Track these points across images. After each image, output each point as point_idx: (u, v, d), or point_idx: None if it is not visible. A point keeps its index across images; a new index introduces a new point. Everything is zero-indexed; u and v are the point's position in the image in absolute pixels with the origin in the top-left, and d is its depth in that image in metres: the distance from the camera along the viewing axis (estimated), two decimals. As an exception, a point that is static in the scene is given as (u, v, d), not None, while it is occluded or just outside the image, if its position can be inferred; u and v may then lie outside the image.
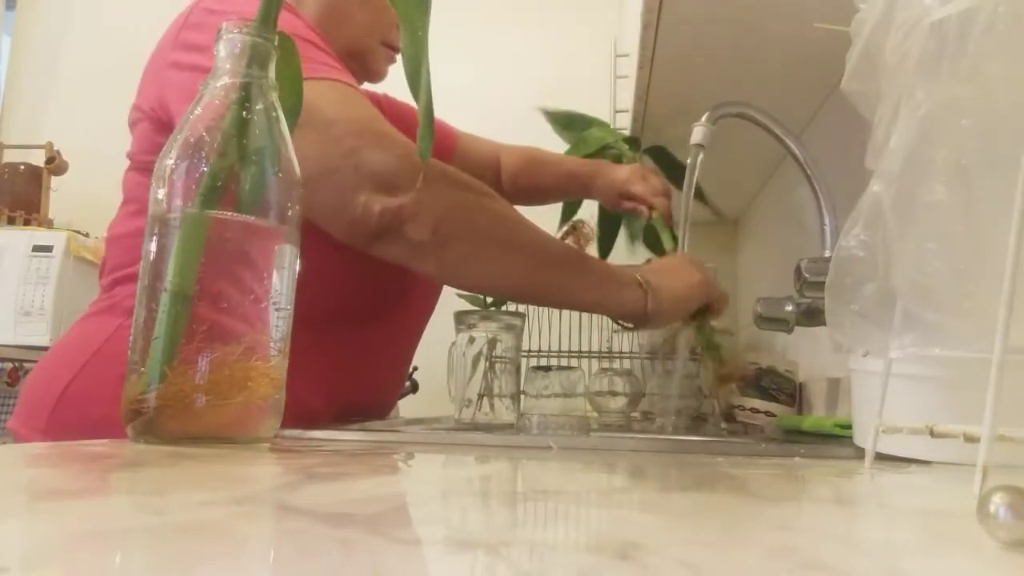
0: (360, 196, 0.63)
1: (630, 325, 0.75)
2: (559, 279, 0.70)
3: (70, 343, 0.76)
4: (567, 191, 1.11)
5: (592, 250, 1.20)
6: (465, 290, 0.75)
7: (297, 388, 0.72)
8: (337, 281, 0.73)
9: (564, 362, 1.22)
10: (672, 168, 1.15)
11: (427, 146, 0.51)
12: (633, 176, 1.04)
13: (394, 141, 0.65)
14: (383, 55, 0.88)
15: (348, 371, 0.80)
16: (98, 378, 0.69)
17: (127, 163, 0.79)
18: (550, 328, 1.25)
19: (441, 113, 1.04)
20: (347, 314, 0.71)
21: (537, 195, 1.12)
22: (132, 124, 0.78)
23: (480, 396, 1.22)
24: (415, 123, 0.56)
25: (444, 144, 1.07)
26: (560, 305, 0.74)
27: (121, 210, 0.79)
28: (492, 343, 0.86)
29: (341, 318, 0.76)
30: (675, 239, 1.12)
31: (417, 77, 0.51)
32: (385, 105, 0.93)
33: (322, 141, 0.63)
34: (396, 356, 0.89)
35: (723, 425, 0.98)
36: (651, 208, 1.05)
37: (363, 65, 0.86)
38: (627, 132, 1.25)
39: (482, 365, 0.87)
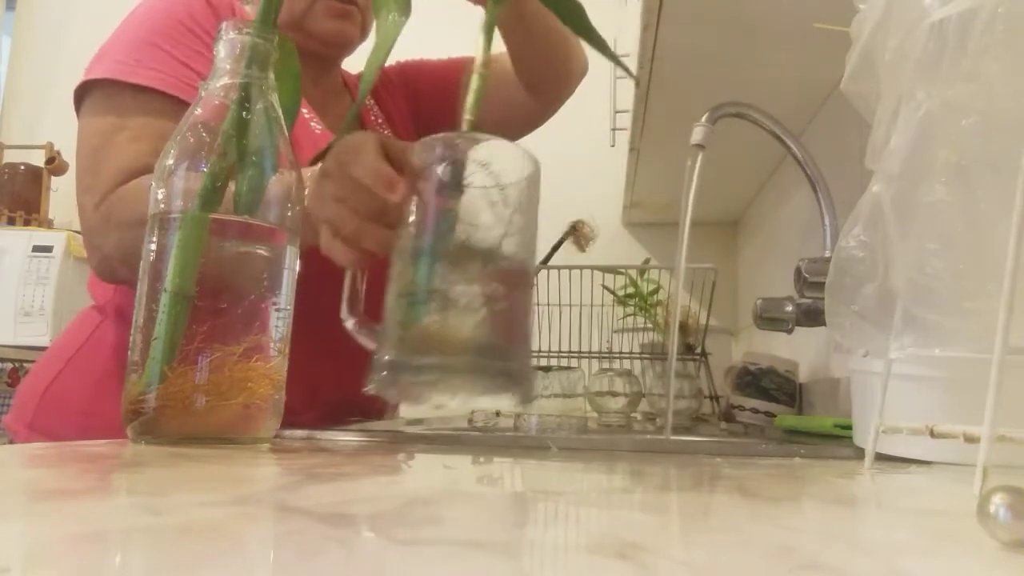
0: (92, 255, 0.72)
1: None
2: None
3: (57, 343, 0.82)
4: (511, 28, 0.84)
5: (592, 250, 1.20)
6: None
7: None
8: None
9: (564, 362, 1.22)
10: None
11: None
12: None
13: (89, 196, 0.71)
14: (322, 10, 0.78)
15: (324, 367, 0.77)
16: (80, 373, 0.75)
17: None
18: (550, 328, 1.25)
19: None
20: (314, 308, 0.68)
21: (522, 58, 0.88)
22: None
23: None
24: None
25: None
26: None
27: None
28: None
29: (309, 312, 0.74)
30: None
31: (376, 59, 0.53)
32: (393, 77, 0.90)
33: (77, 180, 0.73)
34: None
35: (723, 425, 0.98)
36: None
37: (306, 32, 0.77)
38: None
39: None
